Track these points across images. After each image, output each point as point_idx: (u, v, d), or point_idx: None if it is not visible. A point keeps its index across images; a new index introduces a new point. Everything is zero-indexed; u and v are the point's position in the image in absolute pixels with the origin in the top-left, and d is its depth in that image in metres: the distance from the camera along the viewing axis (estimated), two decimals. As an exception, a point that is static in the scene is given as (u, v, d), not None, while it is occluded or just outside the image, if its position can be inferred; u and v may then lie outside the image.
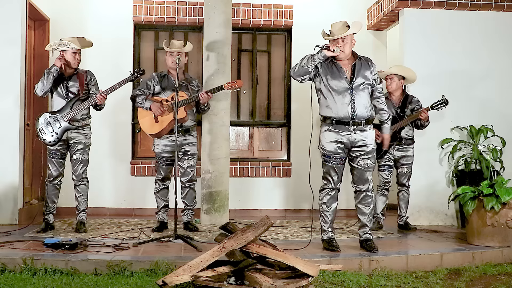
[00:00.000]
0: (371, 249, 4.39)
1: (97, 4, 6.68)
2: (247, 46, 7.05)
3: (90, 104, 5.12)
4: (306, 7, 6.88)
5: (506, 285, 3.92)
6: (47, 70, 5.08)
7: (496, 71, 6.22)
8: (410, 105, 5.57)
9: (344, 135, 4.41)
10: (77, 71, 5.24)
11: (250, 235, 3.41)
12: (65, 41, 5.14)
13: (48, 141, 5.07)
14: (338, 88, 4.41)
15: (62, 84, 5.14)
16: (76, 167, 5.20)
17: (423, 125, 5.54)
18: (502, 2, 6.12)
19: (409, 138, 5.59)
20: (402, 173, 5.61)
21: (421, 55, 6.10)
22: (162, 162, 5.36)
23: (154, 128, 5.23)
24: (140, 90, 5.34)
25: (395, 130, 5.44)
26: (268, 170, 6.83)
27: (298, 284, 3.31)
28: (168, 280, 3.14)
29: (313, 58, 4.38)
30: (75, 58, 5.16)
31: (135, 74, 5.15)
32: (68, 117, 5.06)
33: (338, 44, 4.39)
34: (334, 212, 4.58)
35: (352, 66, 4.45)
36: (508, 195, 4.66)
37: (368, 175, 4.47)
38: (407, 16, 6.14)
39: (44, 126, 5.06)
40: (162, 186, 5.43)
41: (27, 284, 3.60)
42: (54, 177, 5.18)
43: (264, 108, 7.07)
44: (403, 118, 5.50)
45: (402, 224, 5.68)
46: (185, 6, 6.75)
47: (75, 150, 5.18)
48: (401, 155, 5.56)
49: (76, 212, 5.28)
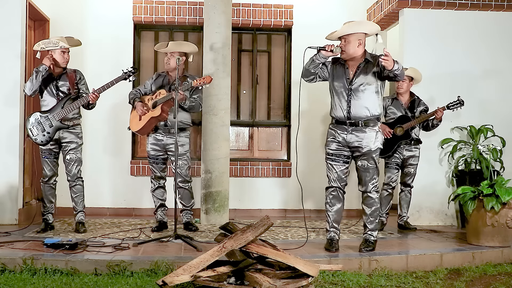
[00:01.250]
0: (361, 249, 4.44)
1: (97, 4, 6.68)
2: (247, 46, 7.05)
3: (82, 103, 5.08)
4: (306, 7, 6.87)
5: (506, 285, 3.92)
6: (35, 69, 5.05)
7: (496, 71, 6.21)
8: (419, 107, 5.62)
9: (341, 135, 4.45)
10: (66, 71, 5.23)
11: (250, 235, 3.41)
12: (54, 40, 5.12)
13: (39, 140, 5.03)
14: (338, 88, 4.46)
15: (52, 84, 5.12)
16: (70, 168, 5.16)
17: (434, 125, 5.57)
18: (502, 2, 6.12)
19: (417, 138, 5.62)
20: (408, 173, 5.62)
21: (421, 55, 6.10)
22: (151, 160, 5.42)
23: (138, 125, 5.33)
24: (136, 89, 5.50)
25: (407, 128, 5.47)
26: (268, 170, 6.83)
27: (298, 284, 3.31)
28: (168, 280, 3.14)
29: (313, 60, 4.40)
30: (63, 57, 5.15)
31: (128, 73, 5.13)
32: (60, 116, 5.02)
33: (340, 44, 4.40)
34: (337, 212, 4.56)
35: (358, 67, 4.45)
36: (508, 195, 4.66)
37: (367, 176, 4.46)
38: (407, 16, 6.14)
39: (35, 125, 5.03)
40: (157, 185, 5.44)
41: (27, 284, 3.60)
42: (49, 177, 5.19)
43: (264, 108, 7.07)
44: (413, 119, 5.52)
45: (402, 224, 5.69)
46: (185, 6, 6.75)
47: (67, 150, 5.14)
48: (410, 155, 5.57)
49: (74, 213, 5.27)
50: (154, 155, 5.39)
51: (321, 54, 4.35)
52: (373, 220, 4.52)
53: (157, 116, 5.19)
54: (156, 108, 5.20)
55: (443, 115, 5.48)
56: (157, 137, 5.34)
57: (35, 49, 5.26)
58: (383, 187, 5.61)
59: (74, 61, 6.34)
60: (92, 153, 6.55)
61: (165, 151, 5.37)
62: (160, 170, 5.43)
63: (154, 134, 5.35)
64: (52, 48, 5.09)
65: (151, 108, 5.24)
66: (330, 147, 4.51)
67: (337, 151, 4.48)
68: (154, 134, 5.35)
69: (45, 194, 5.21)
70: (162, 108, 5.17)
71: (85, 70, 6.43)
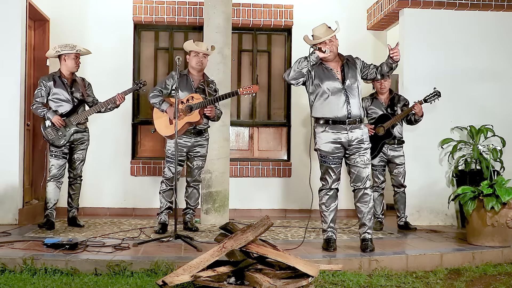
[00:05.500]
0: (365, 249, 4.41)
1: (97, 4, 6.68)
2: (247, 46, 7.05)
3: (99, 110, 5.38)
4: (306, 7, 6.88)
5: (506, 285, 3.92)
6: (44, 114, 5.22)
7: (496, 71, 6.22)
8: (399, 103, 5.61)
9: (342, 135, 4.45)
10: (75, 77, 5.46)
11: (250, 235, 3.41)
12: (71, 44, 5.39)
13: (57, 143, 5.26)
14: (333, 89, 4.47)
15: (66, 90, 5.34)
16: (75, 166, 5.45)
17: (417, 120, 5.55)
18: (502, 2, 6.12)
19: (400, 137, 5.61)
20: (399, 174, 5.61)
21: (421, 55, 6.10)
22: (172, 160, 5.22)
23: (169, 130, 5.17)
24: (158, 90, 5.26)
25: (388, 127, 5.47)
26: (268, 170, 6.83)
27: (298, 284, 3.31)
28: (168, 280, 3.14)
29: (308, 60, 4.41)
30: (76, 62, 5.38)
31: (139, 84, 5.45)
32: (77, 121, 5.32)
33: (327, 45, 4.45)
34: (333, 211, 4.58)
35: (341, 67, 4.53)
36: (508, 195, 4.66)
37: (366, 172, 4.49)
38: (407, 16, 6.14)
39: (52, 128, 5.24)
40: (169, 186, 5.31)
41: (27, 284, 3.60)
42: (57, 176, 5.34)
43: (264, 108, 7.07)
44: (393, 116, 5.51)
45: (402, 224, 5.68)
46: (185, 6, 6.75)
47: (78, 149, 5.42)
48: (395, 154, 5.57)
49: (69, 209, 5.51)
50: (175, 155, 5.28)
51: (315, 55, 4.40)
52: (370, 217, 4.52)
53: (196, 122, 5.14)
54: (194, 113, 5.10)
55: (421, 109, 5.45)
56: (184, 139, 5.24)
57: (47, 55, 5.48)
58: (374, 189, 5.59)
59: (74, 61, 6.36)
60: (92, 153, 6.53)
61: (186, 153, 5.32)
62: (177, 171, 5.35)
63: (180, 135, 5.25)
64: (68, 52, 5.31)
65: (187, 112, 5.11)
66: (327, 150, 4.48)
67: (335, 153, 4.48)
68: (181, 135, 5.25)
69: (50, 192, 5.33)
70: (199, 113, 5.13)
71: (85, 70, 6.46)
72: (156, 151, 6.79)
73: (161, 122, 5.23)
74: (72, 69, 5.37)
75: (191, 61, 5.31)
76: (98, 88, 5.80)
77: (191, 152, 5.33)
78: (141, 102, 6.83)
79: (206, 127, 5.39)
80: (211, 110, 5.15)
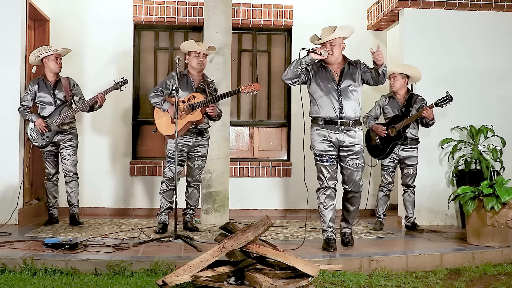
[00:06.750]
0: (347, 243, 4.60)
1: (97, 4, 6.68)
2: (247, 46, 7.05)
3: (80, 109, 5.45)
4: (306, 7, 6.87)
5: (506, 285, 3.92)
6: (29, 117, 5.38)
7: (496, 71, 6.22)
8: (415, 104, 5.56)
9: (333, 135, 4.49)
10: (60, 78, 5.53)
11: (250, 235, 3.42)
12: (47, 46, 5.53)
13: (39, 144, 5.43)
14: (326, 90, 4.50)
15: (49, 93, 5.45)
16: (67, 165, 5.55)
17: (428, 123, 5.51)
18: (502, 2, 6.12)
19: (414, 138, 5.57)
20: (408, 174, 5.60)
21: (421, 55, 6.10)
22: (172, 160, 5.20)
23: (170, 129, 5.15)
24: (159, 90, 5.23)
25: (399, 128, 5.44)
26: (268, 170, 6.83)
27: (298, 284, 3.31)
28: (168, 280, 3.14)
29: (300, 61, 4.43)
30: (57, 63, 5.48)
31: (119, 83, 5.48)
32: (58, 122, 5.40)
33: (326, 47, 4.46)
34: (332, 211, 4.60)
35: (341, 70, 4.55)
36: (508, 195, 4.66)
37: (358, 175, 4.53)
38: (407, 16, 6.14)
39: (35, 130, 5.39)
40: (170, 187, 5.29)
41: (27, 284, 3.60)
42: (52, 175, 5.59)
43: (264, 108, 7.07)
44: (406, 117, 5.48)
45: (409, 225, 5.65)
46: (185, 6, 6.75)
47: (65, 150, 5.52)
48: (407, 155, 5.55)
49: (69, 207, 5.62)
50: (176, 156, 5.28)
51: (309, 57, 4.41)
52: (354, 215, 4.71)
53: (197, 120, 5.14)
54: (196, 112, 5.10)
55: (431, 112, 5.38)
56: (185, 138, 5.25)
57: (30, 62, 5.56)
58: (380, 188, 5.61)
59: (74, 61, 6.38)
60: (92, 153, 6.55)
61: (186, 153, 5.32)
62: (178, 172, 5.35)
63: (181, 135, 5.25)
64: (46, 55, 5.41)
65: (189, 111, 5.11)
66: (321, 149, 4.53)
67: (328, 152, 4.51)
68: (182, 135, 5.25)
69: (49, 190, 5.60)
70: (201, 112, 5.13)
71: (85, 70, 6.47)
72: (156, 151, 6.79)
73: (162, 122, 5.24)
74: (55, 70, 5.47)
75: (192, 61, 5.31)
76: (98, 88, 5.80)
77: (192, 152, 5.34)
78: (141, 102, 6.83)
79: (206, 127, 5.39)
80: (213, 108, 5.15)
